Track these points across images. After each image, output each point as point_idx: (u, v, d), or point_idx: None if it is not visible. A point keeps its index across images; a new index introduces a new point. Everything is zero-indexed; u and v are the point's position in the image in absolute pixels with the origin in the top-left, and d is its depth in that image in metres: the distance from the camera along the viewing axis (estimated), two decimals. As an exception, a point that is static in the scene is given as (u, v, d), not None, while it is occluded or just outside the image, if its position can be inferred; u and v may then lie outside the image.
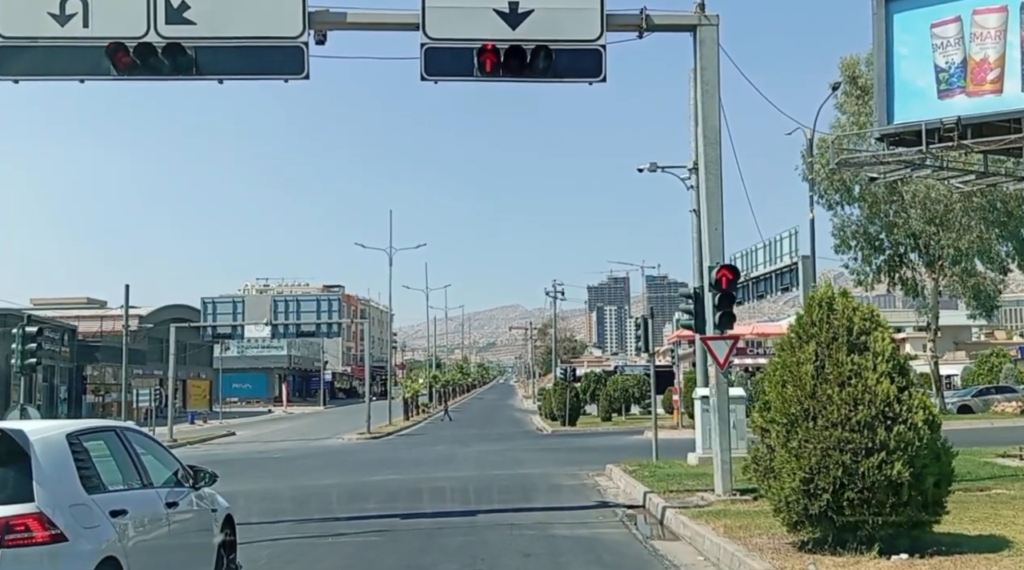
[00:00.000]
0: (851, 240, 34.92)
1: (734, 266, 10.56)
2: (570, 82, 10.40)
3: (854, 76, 32.95)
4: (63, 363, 46.52)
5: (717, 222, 10.52)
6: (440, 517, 11.03)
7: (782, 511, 6.85)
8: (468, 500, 13.12)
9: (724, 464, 10.49)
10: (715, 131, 10.55)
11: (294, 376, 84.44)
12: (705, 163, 10.54)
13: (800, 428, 6.60)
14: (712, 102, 10.57)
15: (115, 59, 9.51)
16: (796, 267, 25.29)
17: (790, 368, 6.82)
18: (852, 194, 34.41)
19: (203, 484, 5.84)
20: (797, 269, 25.21)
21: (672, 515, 9.64)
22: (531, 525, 10.16)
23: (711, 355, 10.51)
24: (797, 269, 25.21)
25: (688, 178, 18.45)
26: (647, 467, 15.07)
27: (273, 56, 9.90)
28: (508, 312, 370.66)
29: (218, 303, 38.31)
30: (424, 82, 10.01)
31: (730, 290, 10.39)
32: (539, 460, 20.59)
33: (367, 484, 16.19)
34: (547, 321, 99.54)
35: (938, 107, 13.41)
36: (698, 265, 18.32)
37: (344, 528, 10.34)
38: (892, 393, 6.47)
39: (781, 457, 6.71)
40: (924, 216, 31.06)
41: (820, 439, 6.47)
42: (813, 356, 6.74)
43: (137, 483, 5.01)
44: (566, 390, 39.17)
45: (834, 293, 6.95)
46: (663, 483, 12.33)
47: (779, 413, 6.77)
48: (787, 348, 6.98)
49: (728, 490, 10.50)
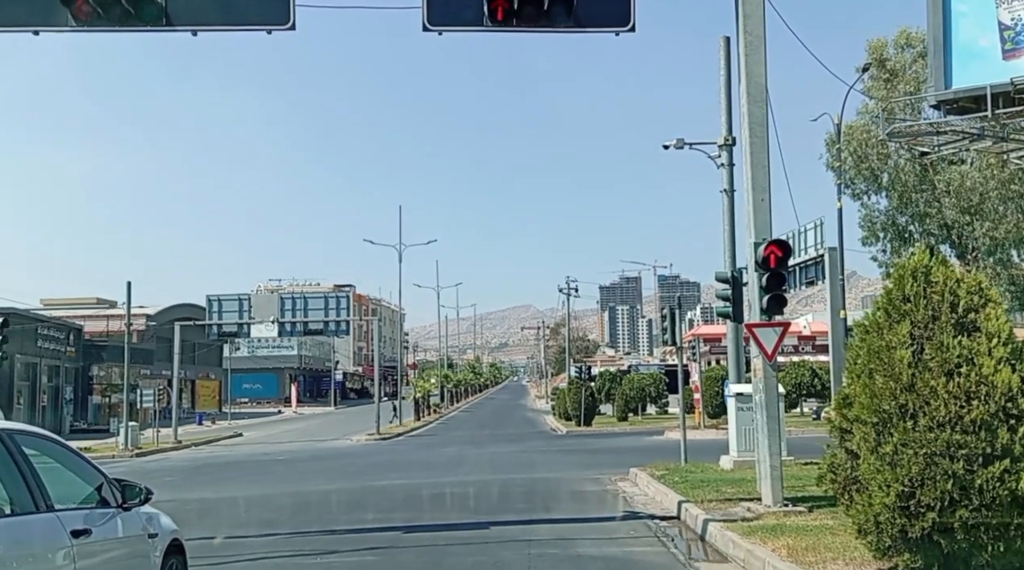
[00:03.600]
0: (879, 231, 33.48)
1: (784, 241, 9.18)
2: (593, 32, 9.07)
3: (882, 59, 31.45)
4: (69, 363, 45.68)
5: (764, 191, 9.16)
6: (448, 530, 9.73)
7: (870, 532, 5.49)
8: (480, 509, 11.85)
9: (774, 470, 9.13)
10: (761, 88, 9.20)
11: (305, 376, 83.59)
12: (750, 124, 9.19)
13: (895, 429, 5.24)
14: (757, 55, 9.22)
15: (73, 8, 8.31)
16: (822, 260, 23.96)
17: (879, 354, 5.46)
18: (880, 183, 32.94)
19: (135, 502, 4.53)
20: (823, 261, 23.89)
21: (716, 530, 8.28)
22: (552, 540, 8.84)
23: (757, 345, 9.14)
24: (823, 261, 23.89)
25: (718, 156, 17.06)
26: (676, 471, 13.73)
27: (254, 2, 8.66)
28: (520, 312, 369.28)
29: (224, 301, 37.40)
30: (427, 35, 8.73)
31: (780, 269, 9.02)
32: (555, 463, 19.31)
33: (371, 490, 14.96)
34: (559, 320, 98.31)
35: (1004, 69, 12.03)
36: (730, 249, 16.96)
37: (339, 544, 9.06)
38: (1015, 384, 5.11)
39: (870, 465, 5.36)
40: (958, 205, 29.46)
41: (923, 443, 5.12)
42: (908, 339, 5.39)
43: (27, 505, 3.67)
44: (581, 389, 37.98)
45: (930, 260, 5.59)
46: (698, 490, 10.98)
47: (866, 410, 5.41)
48: (873, 329, 5.63)
49: (779, 500, 9.14)
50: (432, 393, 51.68)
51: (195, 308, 49.15)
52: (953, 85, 12.36)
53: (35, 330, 41.64)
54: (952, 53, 12.43)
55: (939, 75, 12.50)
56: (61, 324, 44.95)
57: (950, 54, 12.44)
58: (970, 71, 12.36)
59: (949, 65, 12.41)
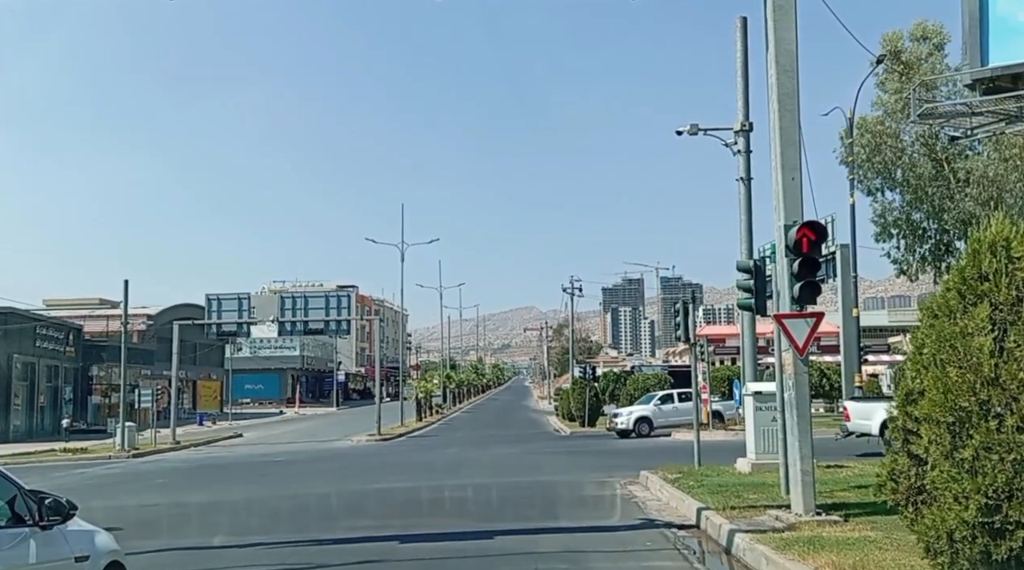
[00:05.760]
0: (892, 228, 32.61)
1: (818, 223, 8.33)
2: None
3: (897, 51, 30.58)
4: (68, 363, 45.01)
5: (795, 170, 8.33)
6: (447, 540, 8.90)
7: (941, 552, 4.66)
8: (482, 515, 11.03)
9: (806, 475, 8.29)
10: (791, 56, 8.37)
11: (307, 377, 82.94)
12: (779, 96, 8.36)
13: (976, 430, 4.41)
14: (787, 20, 8.40)
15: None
16: (833, 257, 23.20)
17: (952, 342, 4.63)
18: (894, 178, 32.06)
19: (57, 519, 3.72)
20: (835, 259, 23.12)
21: (745, 543, 7.45)
22: (560, 553, 8.01)
23: (787, 338, 8.31)
24: (835, 259, 23.12)
25: (734, 142, 16.22)
26: (691, 474, 12.91)
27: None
28: (523, 313, 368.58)
29: (224, 300, 36.79)
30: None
31: (813, 254, 8.19)
32: (560, 465, 18.51)
33: (367, 494, 14.18)
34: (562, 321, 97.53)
35: (1046, 44, 11.13)
36: (747, 240, 16.14)
37: (327, 556, 8.24)
38: (1121, 377, 4.28)
39: (943, 472, 4.53)
40: (979, 196, 28.55)
41: (1011, 446, 4.29)
42: (988, 324, 4.56)
43: None
44: (585, 390, 37.22)
45: (1011, 232, 4.76)
46: (718, 496, 10.15)
47: (938, 408, 4.58)
48: (943, 313, 4.80)
49: (811, 508, 8.30)
50: (434, 394, 50.90)
51: (196, 308, 48.42)
52: (990, 63, 11.52)
53: (33, 329, 40.92)
54: (989, 29, 11.59)
55: (975, 53, 11.67)
56: (60, 324, 44.24)
57: (986, 30, 11.61)
58: (1008, 48, 11.52)
59: (985, 42, 11.58)
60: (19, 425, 39.74)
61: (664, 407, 28.31)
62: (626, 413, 28.52)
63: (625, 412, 28.73)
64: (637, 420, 27.74)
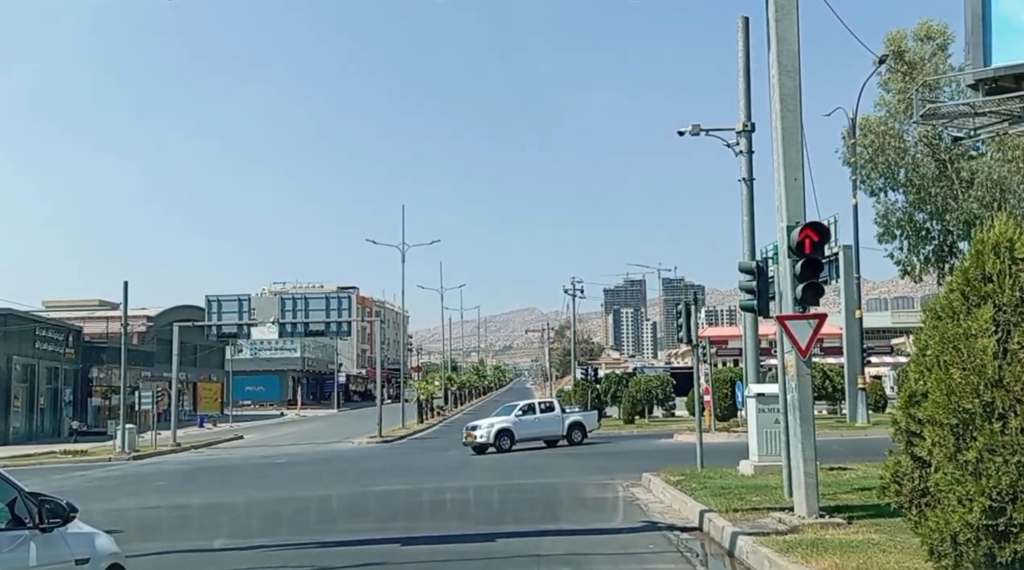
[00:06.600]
0: (895, 228, 32.56)
1: (821, 224, 8.31)
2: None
3: (900, 51, 30.56)
4: (68, 364, 45.00)
5: (797, 170, 8.31)
6: (448, 542, 8.88)
7: (945, 555, 4.63)
8: (483, 518, 11.02)
9: (809, 477, 8.26)
10: (793, 56, 8.36)
11: (308, 379, 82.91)
12: (781, 97, 8.34)
13: (980, 432, 4.39)
14: (789, 19, 8.39)
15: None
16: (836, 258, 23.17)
17: (955, 343, 4.61)
18: (897, 179, 32.03)
19: (56, 522, 3.71)
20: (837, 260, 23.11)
21: (747, 545, 7.42)
22: (563, 556, 7.99)
23: (790, 339, 8.29)
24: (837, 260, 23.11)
25: (736, 143, 16.19)
26: (693, 477, 12.87)
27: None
28: (524, 315, 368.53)
29: (223, 301, 36.76)
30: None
31: (815, 255, 8.17)
32: (562, 467, 18.49)
33: (368, 496, 14.15)
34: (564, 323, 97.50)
35: (1049, 44, 11.10)
36: (749, 241, 16.11)
37: (328, 559, 8.22)
38: None
39: (947, 474, 4.50)
40: (983, 197, 28.48)
41: (1015, 448, 4.27)
42: (992, 325, 4.53)
43: None
44: (587, 391, 37.17)
45: (1015, 232, 4.73)
46: (720, 499, 10.11)
47: (942, 409, 4.56)
48: (946, 315, 4.77)
49: (814, 510, 8.27)
50: (436, 395, 50.82)
51: (196, 309, 48.43)
52: (993, 62, 11.50)
53: (33, 331, 40.93)
54: (992, 28, 11.57)
55: (977, 53, 11.65)
56: (59, 325, 44.25)
57: (989, 29, 11.58)
58: (1011, 48, 11.50)
59: (988, 41, 11.56)
60: (19, 427, 39.74)
61: (525, 418, 25.68)
62: (486, 426, 25.27)
63: (485, 424, 25.46)
64: (498, 433, 24.85)
